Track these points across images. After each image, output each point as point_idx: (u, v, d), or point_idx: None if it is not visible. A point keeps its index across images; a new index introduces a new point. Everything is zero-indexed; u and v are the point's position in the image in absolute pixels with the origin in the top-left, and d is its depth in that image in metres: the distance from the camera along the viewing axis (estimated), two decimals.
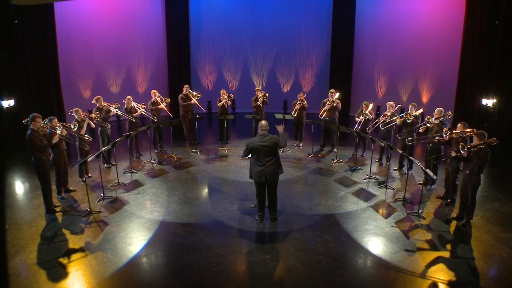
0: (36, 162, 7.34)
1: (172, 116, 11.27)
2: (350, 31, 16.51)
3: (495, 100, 12.30)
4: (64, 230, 6.97)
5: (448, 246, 6.48)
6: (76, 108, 9.09)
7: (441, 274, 5.71)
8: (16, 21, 12.15)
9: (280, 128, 7.13)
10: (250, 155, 7.00)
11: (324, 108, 11.26)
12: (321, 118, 11.36)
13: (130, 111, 10.62)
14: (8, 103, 11.99)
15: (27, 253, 6.19)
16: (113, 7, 15.67)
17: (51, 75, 13.73)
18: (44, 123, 7.53)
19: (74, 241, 6.58)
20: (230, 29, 17.35)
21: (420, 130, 8.85)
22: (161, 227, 7.08)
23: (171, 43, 16.99)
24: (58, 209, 7.76)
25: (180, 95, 12.12)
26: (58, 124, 7.81)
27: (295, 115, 11.67)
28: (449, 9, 14.27)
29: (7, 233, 6.73)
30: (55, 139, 7.56)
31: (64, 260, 6.04)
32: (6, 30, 11.99)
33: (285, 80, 17.93)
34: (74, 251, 6.32)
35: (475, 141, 6.79)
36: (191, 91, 12.21)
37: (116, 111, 10.23)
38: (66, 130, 8.12)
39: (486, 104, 12.60)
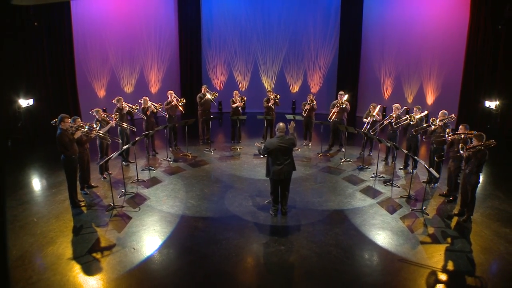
0: (65, 159, 7.78)
1: (183, 112, 11.84)
2: (357, 34, 16.89)
3: (498, 103, 12.61)
4: (90, 223, 7.39)
5: (449, 240, 6.91)
6: (97, 109, 9.56)
7: (442, 264, 6.15)
8: (35, 24, 12.63)
9: (291, 126, 7.73)
10: (266, 155, 7.46)
11: (333, 111, 11.68)
12: (330, 120, 11.81)
13: (147, 110, 11.07)
14: (27, 102, 12.41)
15: (57, 244, 6.60)
16: (128, 9, 16.14)
17: (68, 75, 14.20)
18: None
19: (100, 234, 7.00)
20: (240, 31, 17.78)
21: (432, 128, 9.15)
22: (182, 220, 7.53)
23: (183, 44, 17.39)
24: (82, 203, 8.15)
25: (199, 94, 12.61)
26: (82, 123, 8.30)
27: (305, 115, 12.13)
28: (454, 13, 14.61)
29: (36, 225, 7.24)
30: (78, 134, 8.00)
31: (93, 251, 6.44)
32: (26, 31, 12.47)
33: (293, 81, 18.33)
34: (102, 242, 6.73)
35: (474, 142, 7.19)
36: (209, 91, 12.72)
37: (136, 112, 10.75)
38: (89, 129, 8.54)
39: (489, 106, 12.91)
